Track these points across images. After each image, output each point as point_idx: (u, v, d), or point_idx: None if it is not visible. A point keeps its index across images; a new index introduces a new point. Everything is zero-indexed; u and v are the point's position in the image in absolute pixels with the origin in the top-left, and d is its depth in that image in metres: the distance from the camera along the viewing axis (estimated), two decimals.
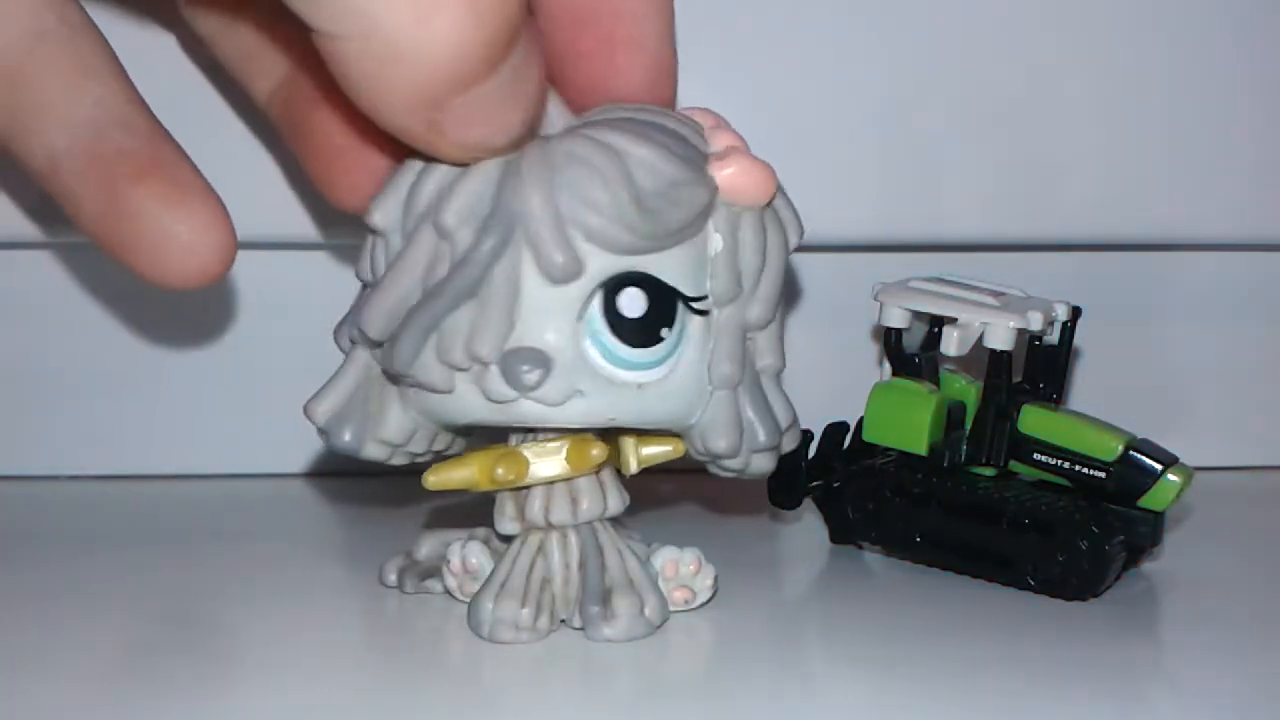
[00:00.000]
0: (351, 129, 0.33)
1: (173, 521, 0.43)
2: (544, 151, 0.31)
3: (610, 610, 0.33)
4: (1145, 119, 0.44)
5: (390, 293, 0.32)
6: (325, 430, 0.33)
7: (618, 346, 0.32)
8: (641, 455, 0.34)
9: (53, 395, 0.46)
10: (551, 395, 0.31)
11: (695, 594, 0.35)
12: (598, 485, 0.34)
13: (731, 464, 0.34)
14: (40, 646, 0.33)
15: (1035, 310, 0.37)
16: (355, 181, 0.34)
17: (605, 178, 0.31)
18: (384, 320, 0.32)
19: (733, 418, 0.33)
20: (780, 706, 0.31)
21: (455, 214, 0.31)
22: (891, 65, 0.43)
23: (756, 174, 0.32)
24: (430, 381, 0.31)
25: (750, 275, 0.33)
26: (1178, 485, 0.36)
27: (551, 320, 0.31)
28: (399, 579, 0.36)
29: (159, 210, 0.32)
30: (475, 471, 0.33)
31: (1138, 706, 0.32)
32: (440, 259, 0.31)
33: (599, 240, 0.31)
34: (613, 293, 0.31)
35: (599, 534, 0.34)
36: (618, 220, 0.31)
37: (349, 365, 0.33)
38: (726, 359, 0.33)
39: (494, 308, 0.31)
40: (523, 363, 0.31)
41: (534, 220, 0.31)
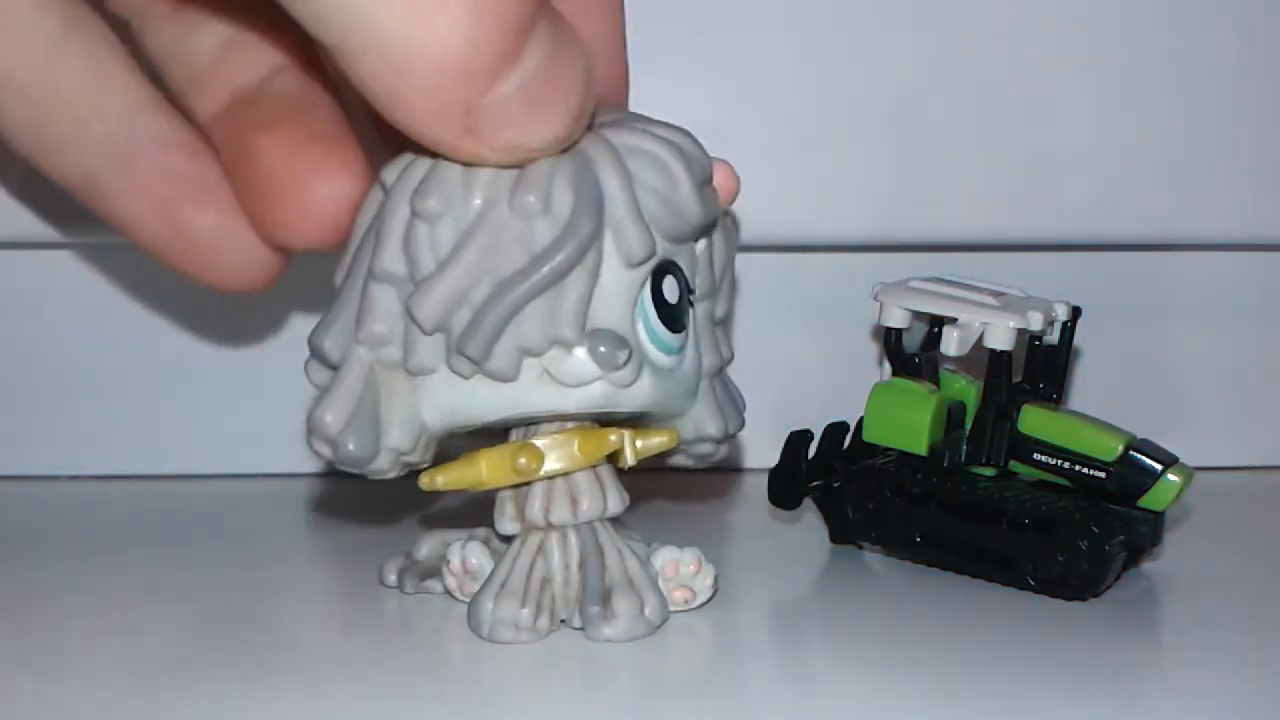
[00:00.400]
0: (289, 161, 0.33)
1: (173, 521, 0.43)
2: (605, 140, 0.32)
3: (610, 610, 0.33)
4: (1145, 119, 0.44)
5: (453, 281, 0.31)
6: (334, 441, 0.32)
7: (662, 330, 0.33)
8: (639, 447, 0.34)
9: (53, 395, 0.46)
10: (626, 376, 0.32)
11: (695, 594, 0.35)
12: (597, 485, 0.34)
13: (712, 449, 0.35)
14: (40, 647, 0.33)
15: (1035, 310, 0.37)
16: (286, 216, 0.33)
17: (670, 169, 0.32)
18: (443, 310, 0.31)
19: (716, 404, 0.35)
20: (780, 706, 0.31)
21: (537, 197, 0.31)
22: (891, 65, 0.43)
23: (734, 178, 0.34)
24: (500, 369, 0.31)
25: (719, 273, 0.35)
26: (1178, 485, 0.36)
27: (620, 302, 0.32)
28: (399, 579, 0.36)
29: (219, 234, 0.33)
30: (484, 469, 0.33)
31: (1138, 706, 0.32)
32: (513, 245, 0.31)
33: (661, 227, 0.32)
34: (658, 279, 0.33)
35: (599, 534, 0.34)
36: (677, 210, 0.32)
37: (352, 370, 0.32)
38: (709, 349, 0.35)
39: (578, 290, 0.31)
40: (605, 343, 0.31)
41: (617, 204, 0.31)
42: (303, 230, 0.33)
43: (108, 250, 0.45)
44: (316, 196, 0.32)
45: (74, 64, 0.32)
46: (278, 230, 0.33)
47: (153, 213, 0.33)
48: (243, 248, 0.34)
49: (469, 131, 0.29)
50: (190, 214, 0.33)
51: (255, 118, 0.33)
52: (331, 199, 0.33)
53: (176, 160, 0.33)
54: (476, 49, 0.28)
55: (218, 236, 0.33)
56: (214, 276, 0.34)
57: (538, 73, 0.29)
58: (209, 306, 0.45)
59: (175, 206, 0.33)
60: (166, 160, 0.33)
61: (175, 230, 0.33)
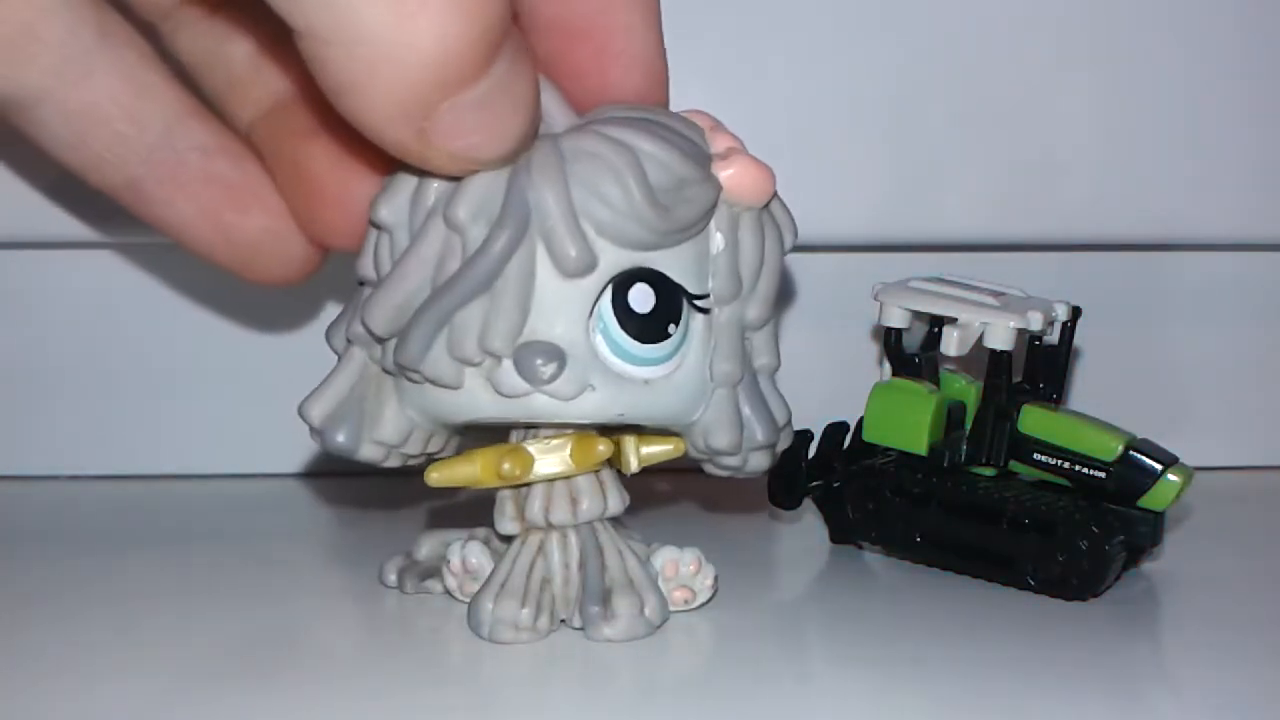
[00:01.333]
0: (335, 167, 0.33)
1: (173, 521, 0.43)
2: (554, 147, 0.31)
3: (610, 610, 0.33)
4: (1145, 119, 0.44)
5: (398, 288, 0.31)
6: (320, 431, 0.33)
7: (627, 342, 0.32)
8: (642, 454, 0.34)
9: (53, 395, 0.46)
10: (565, 390, 0.31)
11: (695, 594, 0.35)
12: (598, 485, 0.34)
13: (730, 461, 0.34)
14: (39, 646, 0.33)
15: (1035, 310, 0.37)
16: (333, 220, 0.34)
17: (618, 172, 0.31)
18: (390, 316, 0.31)
19: (733, 415, 0.33)
20: (780, 706, 0.31)
21: (467, 208, 0.31)
22: (891, 65, 0.43)
23: (758, 175, 0.33)
24: (440, 377, 0.31)
25: (749, 275, 0.33)
26: (1178, 485, 0.36)
27: (563, 314, 0.31)
28: (399, 579, 0.36)
29: (264, 235, 0.34)
30: (479, 468, 0.33)
31: (1138, 706, 0.32)
32: (450, 254, 0.31)
33: (611, 235, 0.31)
34: (623, 288, 0.32)
35: (599, 534, 0.34)
36: (630, 215, 0.31)
37: (344, 365, 0.33)
38: (727, 357, 0.33)
39: (507, 301, 0.31)
40: (537, 356, 0.31)
41: (548, 214, 0.31)
42: (350, 232, 0.34)
43: (108, 250, 0.45)
44: (361, 197, 0.33)
45: (110, 77, 0.32)
46: (326, 233, 0.34)
47: (199, 219, 0.34)
48: (285, 246, 0.35)
49: (420, 135, 0.29)
50: (236, 219, 0.34)
51: (298, 124, 0.34)
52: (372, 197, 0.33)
53: (219, 166, 0.34)
54: (452, 57, 0.28)
55: (262, 237, 0.34)
56: (258, 273, 0.35)
57: (498, 88, 0.29)
58: (209, 307, 0.45)
59: (221, 212, 0.34)
60: (209, 167, 0.34)
61: (222, 234, 0.34)
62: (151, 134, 0.33)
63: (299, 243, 0.35)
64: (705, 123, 0.34)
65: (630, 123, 0.32)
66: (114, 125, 0.33)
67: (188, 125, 0.34)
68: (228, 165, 0.34)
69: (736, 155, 0.33)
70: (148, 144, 0.33)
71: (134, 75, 0.33)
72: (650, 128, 0.32)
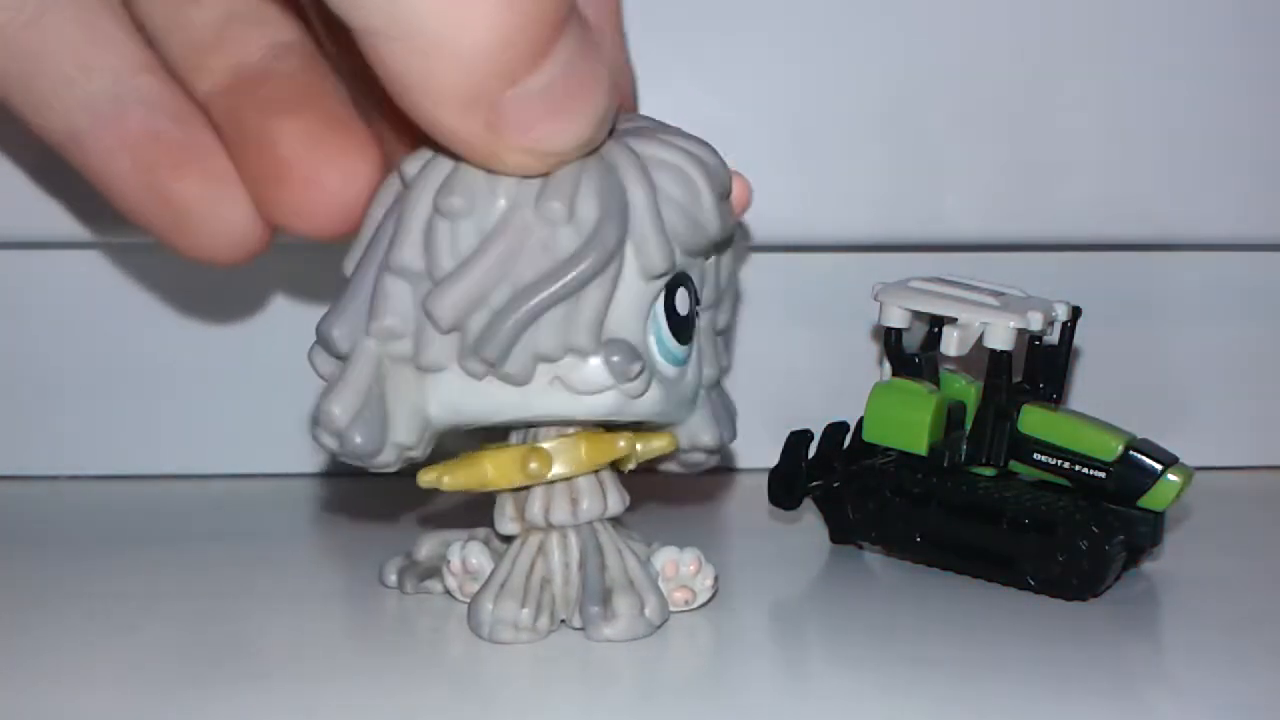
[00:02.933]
0: (306, 148, 0.32)
1: (173, 521, 0.43)
2: (630, 150, 0.32)
3: (611, 610, 0.33)
4: (1145, 119, 0.44)
5: (472, 283, 0.31)
6: (342, 434, 0.32)
7: (671, 342, 0.33)
8: (639, 451, 0.34)
9: (53, 395, 0.46)
10: (638, 386, 0.32)
11: (695, 594, 0.35)
12: (598, 485, 0.34)
13: (705, 459, 0.35)
14: (40, 647, 0.33)
15: (1035, 310, 0.37)
16: (300, 203, 0.32)
17: (693, 182, 0.32)
18: (460, 311, 0.31)
19: (712, 414, 0.35)
20: (780, 706, 0.31)
21: (563, 202, 0.30)
22: (891, 65, 0.43)
23: (747, 189, 0.34)
24: (515, 374, 0.31)
25: (724, 283, 0.35)
26: (1178, 485, 0.36)
27: (634, 313, 0.32)
28: (399, 579, 0.36)
29: (202, 204, 0.33)
30: (491, 470, 0.33)
31: (1138, 706, 0.32)
32: (535, 250, 0.31)
33: (680, 241, 0.32)
34: (671, 291, 0.33)
35: (599, 534, 0.34)
36: (697, 224, 0.32)
37: (359, 361, 0.32)
38: (709, 360, 0.35)
39: (596, 300, 0.31)
40: (619, 353, 0.31)
41: (641, 216, 0.31)
42: (318, 219, 0.32)
43: (109, 250, 0.45)
44: (335, 185, 0.32)
45: (66, 20, 0.31)
46: (292, 217, 0.32)
47: (135, 175, 0.32)
48: (224, 220, 0.33)
49: (489, 127, 0.28)
50: (173, 180, 0.32)
51: (266, 98, 0.32)
52: (350, 188, 0.32)
53: (164, 124, 0.32)
54: (509, 42, 0.27)
55: (199, 205, 0.33)
56: (190, 245, 0.33)
57: (564, 74, 0.28)
58: (209, 307, 0.45)
59: (158, 171, 0.32)
60: (154, 123, 0.32)
61: (156, 195, 0.33)
62: (99, 82, 0.32)
63: (239, 219, 0.33)
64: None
65: (677, 133, 0.33)
66: (62, 68, 0.32)
67: (140, 79, 0.32)
68: (171, 123, 0.32)
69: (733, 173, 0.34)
70: (93, 92, 0.32)
71: (90, 21, 0.32)
72: (696, 140, 0.33)
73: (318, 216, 0.32)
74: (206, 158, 0.33)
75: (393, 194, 0.33)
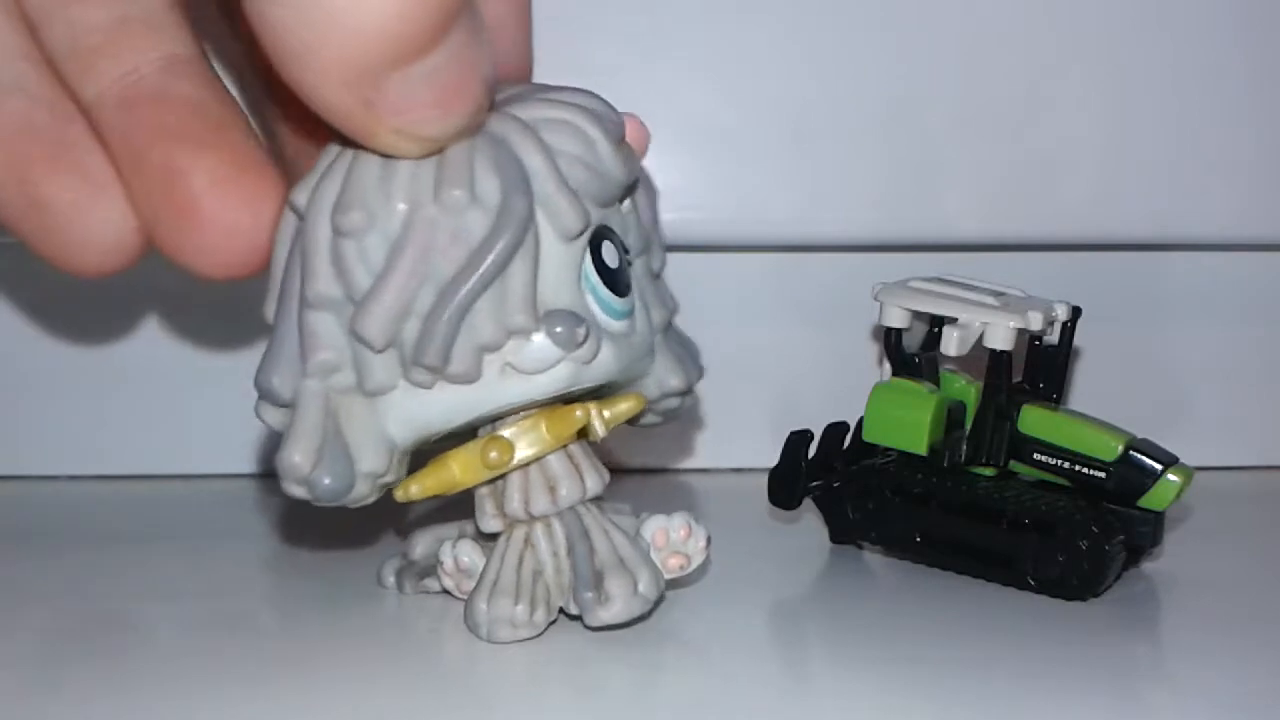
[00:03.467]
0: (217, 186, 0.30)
1: (173, 521, 0.43)
2: (513, 118, 0.31)
3: (604, 593, 0.32)
4: (1144, 119, 0.44)
5: (395, 293, 0.30)
6: (309, 480, 0.31)
7: (610, 297, 0.32)
8: (606, 417, 0.34)
9: (53, 395, 0.46)
10: (588, 352, 0.31)
11: (690, 559, 0.34)
12: (572, 468, 0.33)
13: (678, 403, 0.35)
14: (40, 647, 0.33)
15: (1035, 310, 0.37)
16: (208, 244, 0.31)
17: (586, 133, 0.31)
18: (388, 326, 0.30)
19: (674, 357, 0.35)
20: (780, 706, 0.31)
21: (462, 188, 0.30)
22: (892, 65, 0.43)
23: (644, 129, 0.34)
24: (462, 372, 0.31)
25: (648, 226, 0.34)
26: (1178, 485, 0.36)
27: (564, 279, 0.32)
28: (397, 580, 0.36)
29: (74, 208, 0.31)
30: (457, 469, 0.33)
31: (1138, 706, 0.32)
32: (440, 245, 0.30)
33: (590, 194, 0.32)
34: (596, 247, 0.32)
35: (583, 517, 0.33)
36: (602, 173, 0.32)
37: (306, 404, 0.31)
38: (655, 304, 0.34)
39: (521, 275, 0.31)
40: (561, 323, 0.31)
41: (544, 180, 0.31)
42: (228, 260, 0.31)
43: None
44: (246, 227, 0.31)
45: None
46: (199, 258, 0.31)
47: (4, 169, 0.30)
48: (95, 226, 0.31)
49: (368, 105, 0.28)
50: (42, 176, 0.30)
51: (171, 127, 0.31)
52: (260, 229, 0.31)
53: (41, 117, 0.30)
54: (402, 25, 0.26)
55: (71, 209, 0.31)
56: (56, 251, 0.31)
57: (450, 62, 0.28)
58: (210, 307, 0.45)
59: (28, 165, 0.30)
60: (30, 115, 0.30)
61: (23, 191, 0.31)
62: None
63: (112, 226, 0.31)
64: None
65: (558, 90, 0.32)
66: None
67: (16, 66, 0.30)
68: (49, 117, 0.30)
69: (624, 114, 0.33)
70: None
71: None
72: (578, 93, 0.32)
73: (227, 257, 0.31)
74: (83, 158, 0.31)
75: (291, 229, 0.31)
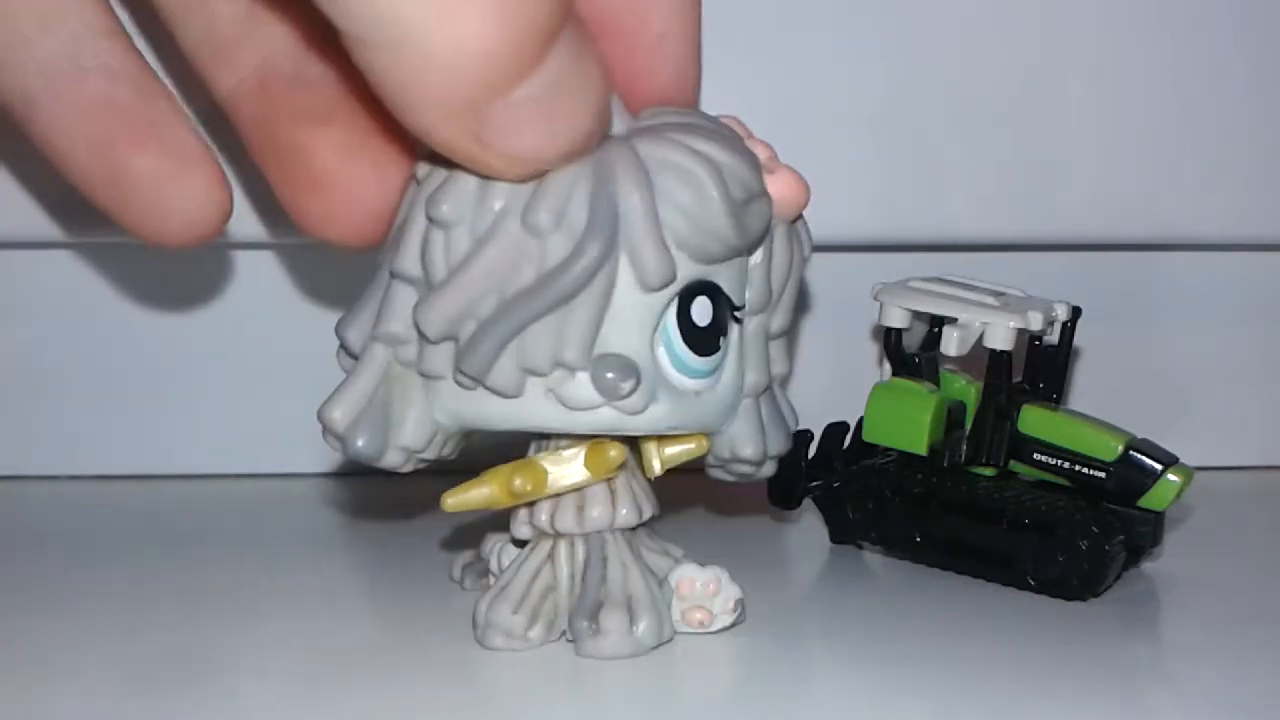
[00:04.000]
0: (346, 160, 0.32)
1: (173, 521, 0.43)
2: (633, 153, 0.30)
3: (597, 626, 0.32)
4: (1145, 119, 0.44)
5: (461, 293, 0.30)
6: (343, 437, 0.31)
7: (687, 355, 0.31)
8: (665, 455, 0.33)
9: (53, 395, 0.46)
10: (635, 404, 0.31)
11: (713, 616, 0.33)
12: (609, 494, 0.33)
13: (749, 470, 0.34)
14: (40, 647, 0.33)
15: (1035, 310, 0.37)
16: (339, 214, 0.32)
17: (702, 186, 0.30)
18: (450, 321, 0.30)
19: (758, 424, 0.33)
20: (780, 706, 0.31)
21: (549, 213, 0.30)
22: (891, 65, 0.43)
23: (799, 187, 0.33)
24: (501, 386, 0.30)
25: (778, 286, 0.33)
26: (1178, 485, 0.36)
27: (634, 327, 0.31)
28: (462, 575, 0.36)
29: (158, 183, 0.31)
30: (495, 489, 0.32)
31: (1138, 706, 0.32)
32: (524, 260, 0.30)
33: (689, 248, 0.31)
34: (686, 301, 0.31)
35: (607, 545, 0.33)
36: (710, 230, 0.31)
37: (366, 365, 0.32)
38: (755, 367, 0.33)
39: (587, 313, 0.30)
40: (615, 370, 0.30)
41: (635, 225, 0.30)
42: (351, 227, 0.32)
43: (108, 250, 0.45)
44: (370, 195, 0.32)
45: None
46: (325, 225, 0.32)
47: (87, 145, 0.31)
48: (178, 199, 0.31)
49: (476, 137, 0.28)
50: (127, 153, 0.31)
51: (301, 107, 0.32)
52: (384, 198, 0.32)
53: (122, 94, 0.31)
54: (496, 54, 0.27)
55: (152, 182, 0.31)
56: (139, 223, 0.32)
57: (554, 84, 0.28)
58: (210, 306, 0.45)
59: (112, 143, 0.31)
60: (112, 92, 0.31)
61: (108, 168, 0.31)
62: (56, 41, 0.30)
63: (195, 199, 0.31)
64: (742, 131, 0.33)
65: (699, 130, 0.31)
66: (18, 24, 0.30)
67: (100, 43, 0.31)
68: (133, 95, 0.31)
69: (779, 167, 0.32)
70: (50, 51, 0.30)
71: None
72: (720, 138, 0.31)
73: (351, 225, 0.32)
74: (167, 132, 0.31)
75: (409, 198, 0.32)
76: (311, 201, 0.32)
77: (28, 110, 0.31)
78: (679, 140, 0.31)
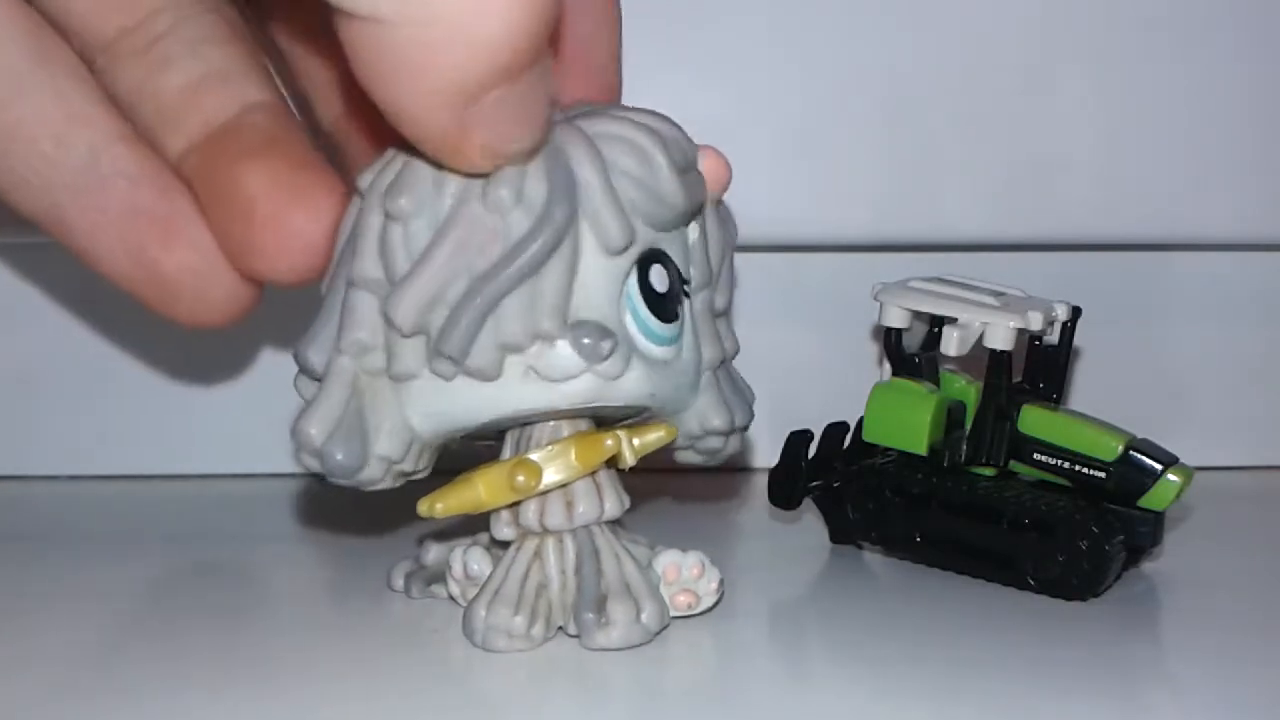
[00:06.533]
0: (273, 189, 0.32)
1: (173, 521, 0.43)
2: (578, 130, 0.31)
3: (605, 617, 0.32)
4: (1145, 119, 0.44)
5: (430, 279, 0.31)
6: (321, 452, 0.32)
7: (651, 320, 0.32)
8: (636, 445, 0.34)
9: (53, 395, 0.46)
10: (614, 368, 0.31)
11: (699, 598, 0.34)
12: (594, 488, 0.33)
13: (718, 444, 0.35)
14: (40, 647, 0.33)
15: (1035, 310, 0.37)
16: (267, 245, 0.32)
17: (647, 152, 0.32)
18: (419, 310, 0.31)
19: (721, 396, 0.34)
20: (780, 706, 0.31)
21: (510, 189, 0.30)
22: (891, 65, 0.43)
23: (724, 164, 0.33)
24: (482, 367, 0.31)
25: (715, 264, 0.34)
26: (1178, 485, 0.36)
27: (603, 293, 0.31)
28: (405, 584, 0.36)
29: (187, 273, 0.33)
30: (482, 489, 0.33)
31: (1138, 706, 0.32)
32: (488, 239, 0.30)
33: (642, 213, 0.32)
34: (645, 268, 0.32)
35: (596, 538, 0.33)
36: (658, 194, 0.32)
37: (334, 379, 0.32)
38: (709, 342, 0.34)
39: (557, 281, 0.31)
40: (589, 334, 0.31)
41: (592, 192, 0.31)
42: (287, 258, 0.32)
43: None
44: (300, 224, 0.32)
45: (40, 97, 0.32)
46: (260, 260, 0.32)
47: (121, 250, 0.33)
48: (210, 286, 0.33)
49: (461, 123, 0.28)
50: (159, 253, 0.33)
51: (234, 147, 0.32)
52: (316, 225, 0.32)
53: (145, 197, 0.32)
54: (518, 40, 0.27)
55: (186, 275, 0.33)
56: (181, 313, 0.33)
57: (538, 80, 0.28)
58: None
59: (144, 245, 0.33)
60: (135, 196, 0.32)
61: (143, 269, 0.33)
62: (76, 157, 0.32)
63: (226, 284, 0.33)
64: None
65: (633, 109, 0.33)
66: (38, 145, 0.32)
67: (117, 151, 0.32)
68: (154, 196, 0.32)
69: (704, 147, 0.33)
70: (72, 168, 0.32)
71: (65, 98, 0.32)
72: (653, 115, 0.32)
73: (285, 256, 0.32)
74: (192, 230, 0.33)
75: (354, 211, 0.32)
76: (245, 234, 0.32)
77: (58, 222, 0.33)
78: (620, 115, 0.32)
